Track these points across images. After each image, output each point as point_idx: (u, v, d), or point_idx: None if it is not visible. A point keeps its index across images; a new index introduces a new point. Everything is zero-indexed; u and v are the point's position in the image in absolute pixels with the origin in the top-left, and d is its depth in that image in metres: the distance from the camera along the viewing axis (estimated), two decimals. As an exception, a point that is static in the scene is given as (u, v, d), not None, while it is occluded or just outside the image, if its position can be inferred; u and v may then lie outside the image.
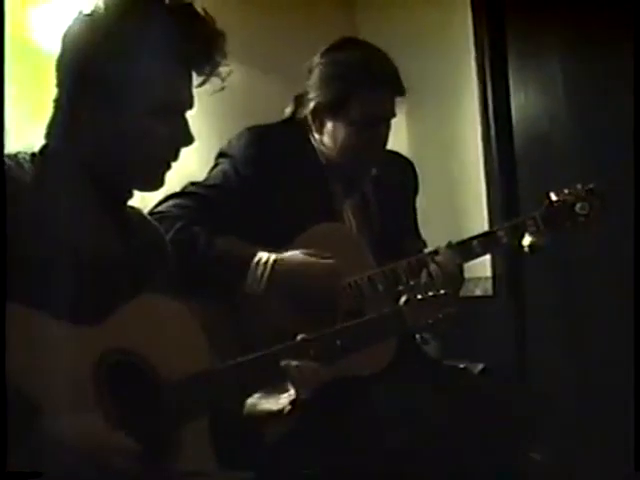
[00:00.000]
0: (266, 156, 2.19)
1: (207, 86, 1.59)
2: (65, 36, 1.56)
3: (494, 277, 3.52)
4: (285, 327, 1.91)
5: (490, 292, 3.53)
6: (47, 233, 1.43)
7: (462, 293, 3.39)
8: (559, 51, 3.43)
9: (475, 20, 3.51)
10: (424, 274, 2.13)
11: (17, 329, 1.30)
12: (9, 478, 1.26)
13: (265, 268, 1.99)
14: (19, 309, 1.33)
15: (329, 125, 2.21)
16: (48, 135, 1.59)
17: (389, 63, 2.24)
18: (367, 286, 2.10)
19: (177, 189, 2.16)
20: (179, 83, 1.56)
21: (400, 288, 1.89)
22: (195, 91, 1.60)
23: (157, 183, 1.61)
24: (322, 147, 2.25)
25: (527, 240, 2.26)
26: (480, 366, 2.98)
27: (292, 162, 2.21)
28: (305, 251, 2.05)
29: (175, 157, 1.59)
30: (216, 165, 2.24)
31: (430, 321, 1.80)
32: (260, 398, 1.62)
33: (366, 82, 2.19)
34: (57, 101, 1.57)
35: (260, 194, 2.15)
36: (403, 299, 1.78)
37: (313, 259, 2.03)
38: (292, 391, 1.59)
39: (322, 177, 2.25)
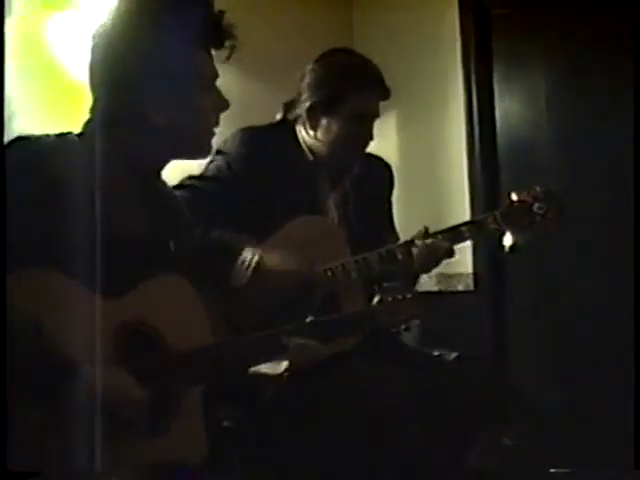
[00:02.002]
0: (257, 154, 2.40)
1: None
2: (96, 40, 1.71)
3: (475, 273, 3.70)
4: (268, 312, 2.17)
5: (472, 287, 3.71)
6: (88, 210, 1.57)
7: (445, 288, 3.64)
8: (543, 63, 3.60)
9: (463, 31, 3.70)
10: (403, 261, 2.33)
11: (56, 297, 1.50)
12: (9, 478, 1.36)
13: (249, 265, 2.20)
14: (63, 280, 1.51)
15: (323, 121, 2.42)
16: (86, 127, 1.73)
17: (376, 69, 2.47)
18: (341, 273, 2.30)
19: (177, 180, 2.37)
20: (207, 60, 1.75)
21: (375, 288, 2.03)
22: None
23: (207, 150, 1.81)
24: (313, 143, 2.45)
25: (507, 240, 2.42)
26: (454, 354, 3.15)
27: (281, 159, 2.42)
28: (287, 254, 2.25)
29: (217, 123, 1.78)
30: (212, 161, 2.43)
31: (399, 320, 2.03)
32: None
33: (356, 83, 2.41)
34: (93, 109, 1.73)
35: (250, 188, 2.35)
36: (376, 299, 1.99)
37: (292, 265, 2.24)
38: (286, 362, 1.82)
39: (309, 173, 2.46)
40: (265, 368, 1.86)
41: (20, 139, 1.62)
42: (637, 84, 3.13)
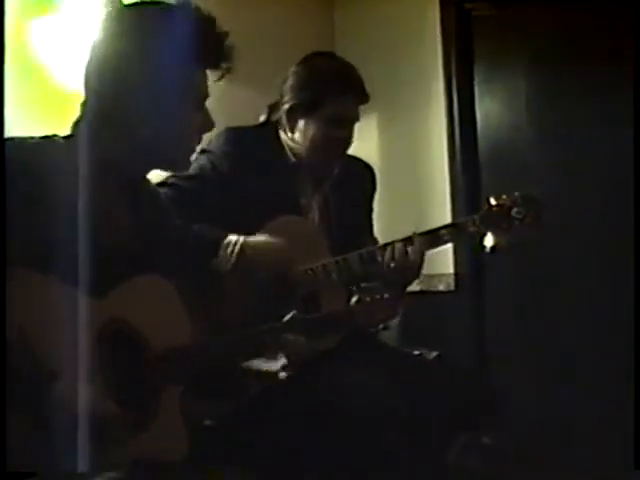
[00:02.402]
0: (241, 154, 2.42)
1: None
2: (93, 48, 1.73)
3: (456, 274, 3.75)
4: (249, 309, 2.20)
5: (452, 287, 3.76)
6: (71, 212, 1.59)
7: (426, 288, 3.68)
8: (523, 64, 3.66)
9: (444, 32, 3.74)
10: (386, 263, 2.35)
11: (40, 296, 1.52)
12: (9, 478, 1.37)
13: (233, 249, 2.23)
14: (43, 280, 1.53)
15: (301, 123, 2.44)
16: (74, 129, 1.74)
17: (356, 74, 2.49)
18: (321, 273, 2.33)
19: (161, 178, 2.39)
20: (202, 78, 1.76)
21: (353, 289, 2.04)
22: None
23: (186, 166, 1.83)
24: (293, 145, 2.47)
25: (488, 241, 2.45)
26: (434, 353, 3.19)
27: (264, 160, 2.44)
28: (269, 238, 2.29)
29: (199, 141, 1.81)
30: (196, 160, 2.41)
31: (377, 320, 2.05)
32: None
33: (336, 87, 2.44)
34: (83, 104, 1.74)
35: (233, 187, 2.37)
36: (354, 299, 2.00)
37: (275, 247, 2.28)
38: (283, 359, 1.87)
39: (291, 174, 2.48)
40: (263, 365, 1.88)
41: (6, 140, 1.64)
42: (637, 82, 3.17)
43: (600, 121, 3.45)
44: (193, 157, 1.85)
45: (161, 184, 2.33)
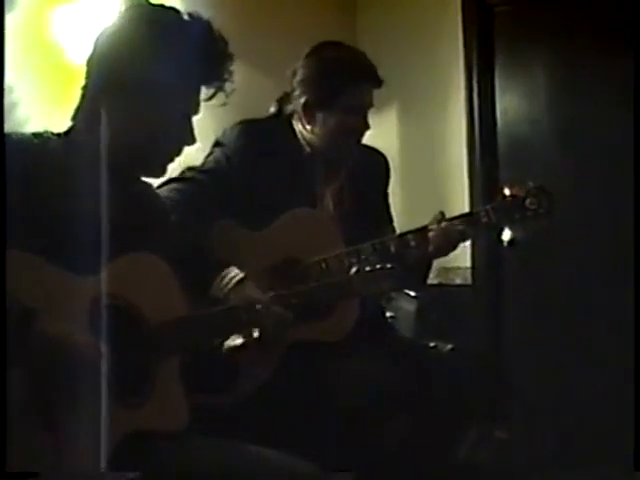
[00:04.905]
0: (255, 146, 2.44)
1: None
2: (97, 39, 1.76)
3: (473, 267, 3.75)
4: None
5: (469, 281, 3.76)
6: (65, 200, 1.63)
7: (443, 281, 3.68)
8: (543, 59, 3.67)
9: (465, 27, 3.75)
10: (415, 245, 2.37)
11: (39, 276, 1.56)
12: (9, 478, 1.38)
13: (228, 284, 2.20)
14: (40, 261, 1.57)
15: (319, 115, 2.45)
16: (74, 118, 1.78)
17: (367, 60, 2.50)
18: (334, 264, 2.34)
19: (177, 172, 2.39)
20: (190, 93, 1.77)
21: (352, 261, 2.09)
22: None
23: (160, 173, 1.84)
24: (309, 136, 2.48)
25: (506, 234, 2.44)
26: (449, 346, 3.19)
27: (279, 152, 2.46)
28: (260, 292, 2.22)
29: (179, 153, 1.81)
30: (211, 153, 2.48)
31: (375, 289, 2.06)
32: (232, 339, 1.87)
33: (350, 77, 2.45)
34: (84, 89, 1.77)
35: (248, 179, 2.39)
36: (354, 269, 2.04)
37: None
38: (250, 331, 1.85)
39: (305, 165, 2.49)
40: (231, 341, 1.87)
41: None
42: (637, 80, 3.16)
43: (619, 115, 3.43)
44: (170, 167, 1.85)
45: (178, 179, 2.36)
